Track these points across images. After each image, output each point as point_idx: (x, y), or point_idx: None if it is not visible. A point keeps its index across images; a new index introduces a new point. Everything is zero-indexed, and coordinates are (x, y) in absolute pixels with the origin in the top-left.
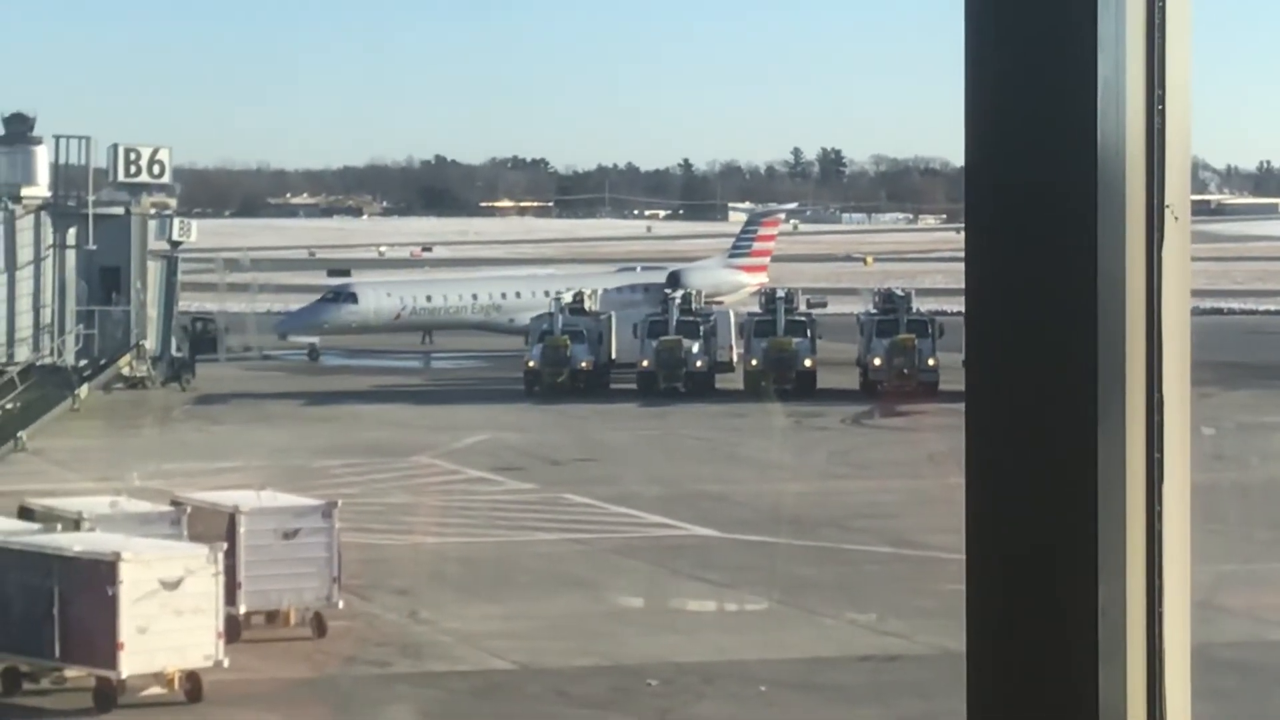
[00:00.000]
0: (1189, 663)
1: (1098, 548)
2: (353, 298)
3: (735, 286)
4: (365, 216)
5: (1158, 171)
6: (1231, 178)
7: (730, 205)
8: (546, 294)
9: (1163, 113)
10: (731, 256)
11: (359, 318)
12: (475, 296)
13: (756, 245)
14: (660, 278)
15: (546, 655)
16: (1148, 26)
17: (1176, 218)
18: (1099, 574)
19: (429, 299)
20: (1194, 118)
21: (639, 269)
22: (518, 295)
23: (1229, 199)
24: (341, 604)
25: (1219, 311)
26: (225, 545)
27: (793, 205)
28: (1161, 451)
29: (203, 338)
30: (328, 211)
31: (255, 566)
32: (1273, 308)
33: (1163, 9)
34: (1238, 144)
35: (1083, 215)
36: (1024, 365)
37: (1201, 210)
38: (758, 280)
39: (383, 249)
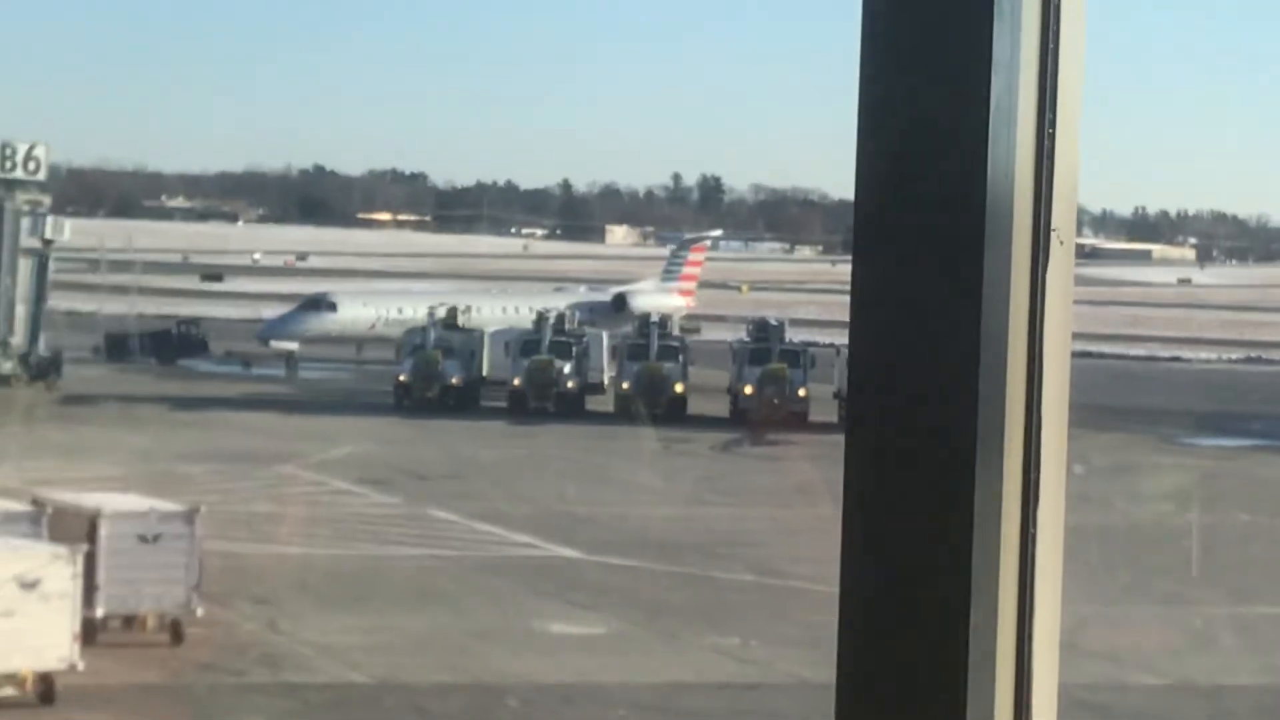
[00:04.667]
0: (1056, 682)
1: (971, 568)
2: (333, 306)
3: (674, 309)
4: (241, 223)
5: (1045, 195)
6: (1107, 222)
7: (607, 226)
8: (504, 310)
9: (1053, 136)
10: (664, 280)
11: (338, 326)
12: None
13: (686, 270)
14: (603, 298)
15: (405, 670)
16: (1041, 49)
17: (1062, 241)
18: (972, 593)
19: (400, 311)
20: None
21: (583, 289)
22: (479, 310)
23: (1104, 243)
24: (200, 611)
25: (1088, 355)
26: (85, 547)
27: (718, 233)
28: (1038, 473)
29: (190, 341)
30: (203, 216)
31: (115, 570)
32: (1142, 353)
33: (1057, 33)
34: (1114, 188)
35: (971, 236)
36: (905, 384)
37: (1077, 253)
38: (689, 303)
39: (257, 256)
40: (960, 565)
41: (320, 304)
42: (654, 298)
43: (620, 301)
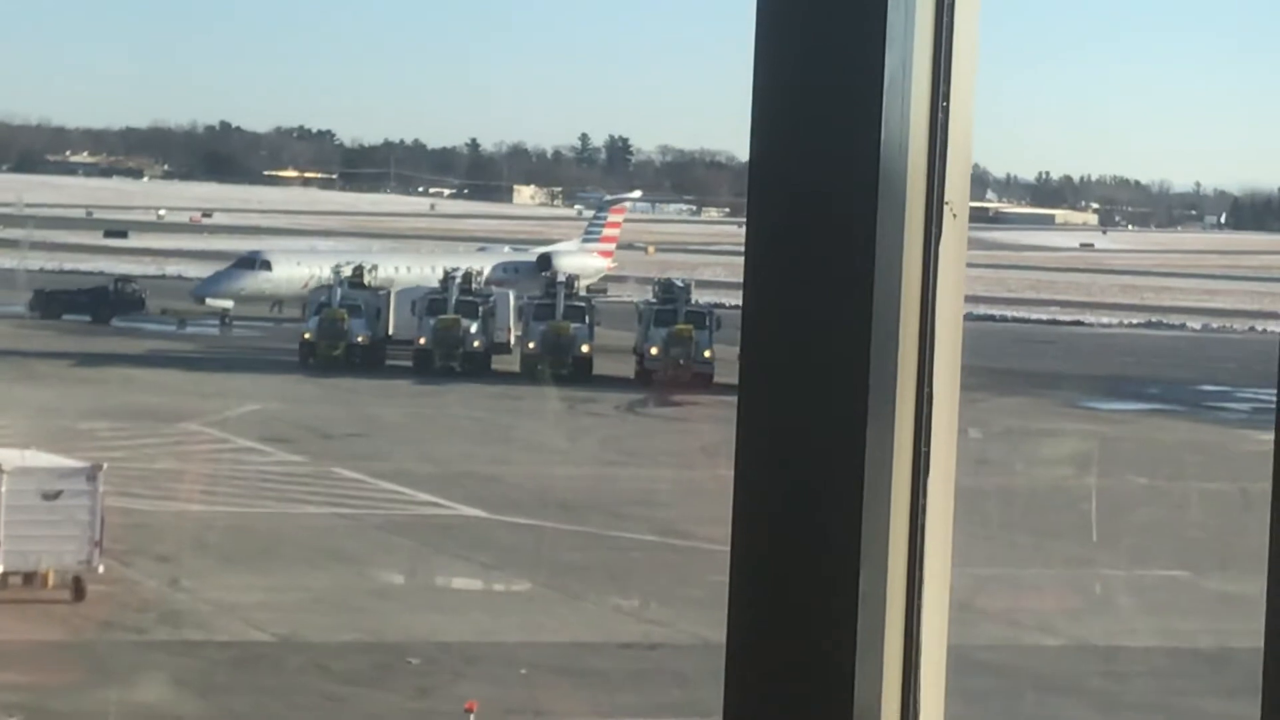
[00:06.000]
0: (945, 649)
1: (861, 538)
2: (267, 265)
3: (595, 270)
4: (146, 179)
5: (938, 168)
6: (1010, 186)
7: (515, 186)
8: (432, 269)
9: (946, 109)
10: (585, 241)
11: (272, 285)
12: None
13: (606, 231)
14: (528, 258)
15: (308, 629)
16: (936, 23)
17: (955, 215)
18: (861, 562)
19: (334, 270)
20: (976, 119)
21: (507, 249)
22: (408, 270)
23: (1007, 207)
24: (102, 568)
25: (992, 318)
26: None
27: (637, 194)
28: (928, 445)
29: (126, 299)
30: (107, 172)
31: (15, 526)
32: (1044, 317)
33: (951, 8)
34: (1018, 153)
35: (863, 208)
36: (797, 353)
37: (980, 218)
38: (609, 264)
39: (162, 212)
40: (850, 533)
41: (255, 263)
42: (577, 258)
43: (545, 262)
